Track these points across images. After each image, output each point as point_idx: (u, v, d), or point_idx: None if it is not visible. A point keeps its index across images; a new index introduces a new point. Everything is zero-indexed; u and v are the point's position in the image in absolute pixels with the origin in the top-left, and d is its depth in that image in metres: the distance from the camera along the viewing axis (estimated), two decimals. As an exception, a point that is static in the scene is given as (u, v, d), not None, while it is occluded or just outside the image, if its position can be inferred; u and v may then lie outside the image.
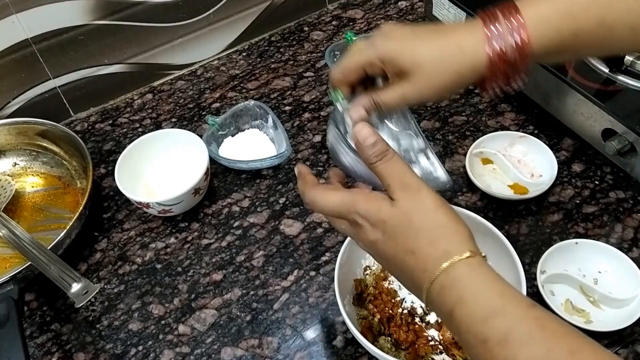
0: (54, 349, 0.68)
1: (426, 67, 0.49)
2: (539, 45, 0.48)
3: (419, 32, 0.51)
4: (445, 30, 0.51)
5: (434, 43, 0.49)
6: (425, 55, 0.49)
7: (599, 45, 0.50)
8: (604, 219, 0.73)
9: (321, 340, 0.66)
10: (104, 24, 0.87)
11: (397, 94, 0.50)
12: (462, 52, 0.48)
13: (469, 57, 0.48)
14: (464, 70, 0.49)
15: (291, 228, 0.77)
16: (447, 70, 0.49)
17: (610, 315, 0.64)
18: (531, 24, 0.48)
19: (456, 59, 0.49)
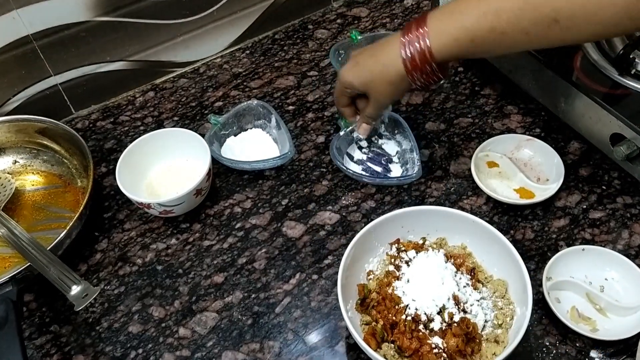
0: (53, 350, 0.68)
1: (371, 85, 0.69)
2: (440, 51, 0.62)
3: (363, 58, 0.69)
4: (376, 51, 0.68)
5: (369, 67, 0.68)
6: (365, 79, 0.69)
7: (497, 47, 0.61)
8: (610, 225, 0.72)
9: (323, 346, 0.65)
10: (106, 20, 0.86)
11: (370, 107, 0.72)
12: (386, 67, 0.66)
13: (391, 69, 0.65)
14: (393, 78, 0.66)
15: (294, 230, 0.76)
16: (382, 83, 0.68)
17: (617, 323, 0.63)
18: (433, 34, 0.61)
19: (383, 74, 0.67)
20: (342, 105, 0.75)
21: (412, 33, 0.63)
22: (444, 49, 0.62)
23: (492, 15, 0.58)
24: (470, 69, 0.92)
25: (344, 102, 0.74)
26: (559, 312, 0.62)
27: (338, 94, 0.74)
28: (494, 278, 0.65)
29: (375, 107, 0.72)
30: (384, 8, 1.06)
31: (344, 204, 0.78)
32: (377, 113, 0.73)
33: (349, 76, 0.70)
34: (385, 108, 0.75)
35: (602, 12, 0.54)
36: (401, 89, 0.68)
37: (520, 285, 0.61)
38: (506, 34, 0.58)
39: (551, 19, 0.55)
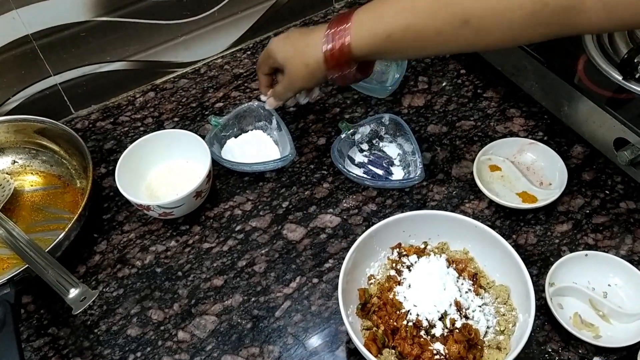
0: (51, 353, 0.67)
1: (289, 61, 0.69)
2: (358, 47, 0.63)
3: (294, 34, 0.69)
4: (307, 33, 0.68)
5: (295, 42, 0.68)
6: (289, 52, 0.69)
7: (411, 46, 0.62)
8: (614, 230, 0.71)
9: (323, 350, 0.65)
10: (107, 20, 0.85)
11: (281, 84, 0.73)
12: (309, 48, 0.66)
13: (312, 53, 0.65)
14: (311, 62, 0.66)
15: (294, 233, 0.75)
16: (299, 64, 0.68)
17: (620, 330, 0.63)
18: (354, 28, 0.62)
19: (303, 55, 0.67)
20: (262, 72, 0.76)
21: (336, 26, 0.64)
22: (362, 43, 0.62)
23: (409, 12, 0.59)
24: (473, 72, 0.92)
25: (264, 70, 0.75)
26: (561, 319, 0.62)
27: (261, 60, 0.75)
28: (496, 284, 0.64)
29: (286, 86, 0.72)
30: (386, 9, 1.05)
31: (345, 207, 0.77)
32: (286, 93, 0.74)
33: (275, 46, 0.71)
34: (295, 91, 0.73)
35: (510, 15, 0.55)
36: (316, 77, 0.68)
37: (523, 291, 0.60)
38: (420, 33, 0.59)
39: (462, 20, 0.57)
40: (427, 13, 0.58)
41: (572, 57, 0.77)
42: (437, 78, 0.92)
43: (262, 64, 0.75)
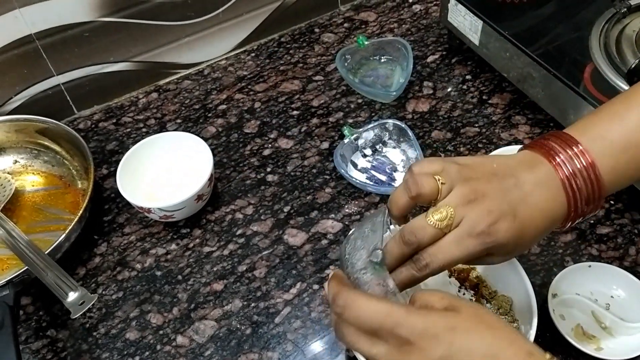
0: (49, 355, 0.67)
1: (528, 244, 0.49)
2: (612, 185, 0.48)
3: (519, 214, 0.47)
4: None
5: (534, 223, 0.48)
6: (530, 237, 0.48)
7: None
8: (618, 241, 0.70)
9: (322, 358, 0.64)
10: (110, 21, 0.85)
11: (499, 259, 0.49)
12: (554, 221, 0.49)
13: (557, 222, 0.49)
14: (558, 216, 0.49)
15: (295, 238, 0.75)
16: (542, 224, 0.48)
17: (622, 342, 0.62)
18: (604, 168, 0.48)
19: (549, 228, 0.49)
20: None
21: (562, 154, 0.48)
22: (617, 184, 0.50)
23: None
24: (478, 78, 0.91)
25: None
26: (563, 330, 0.61)
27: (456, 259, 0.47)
28: (498, 294, 0.64)
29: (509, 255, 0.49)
30: (392, 13, 1.05)
31: (347, 212, 0.77)
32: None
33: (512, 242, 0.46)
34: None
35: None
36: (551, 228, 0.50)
37: (525, 302, 0.59)
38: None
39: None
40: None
41: (579, 65, 0.76)
42: (442, 83, 0.91)
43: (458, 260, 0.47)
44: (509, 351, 0.39)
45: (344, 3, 1.07)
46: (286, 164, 0.83)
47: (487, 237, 0.45)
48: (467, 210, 0.46)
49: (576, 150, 0.48)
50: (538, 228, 0.48)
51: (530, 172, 0.48)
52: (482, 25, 0.83)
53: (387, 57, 0.94)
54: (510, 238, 0.46)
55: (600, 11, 0.81)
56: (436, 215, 0.46)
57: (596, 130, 0.49)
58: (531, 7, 0.84)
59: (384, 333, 0.40)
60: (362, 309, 0.41)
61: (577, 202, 0.48)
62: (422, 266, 0.47)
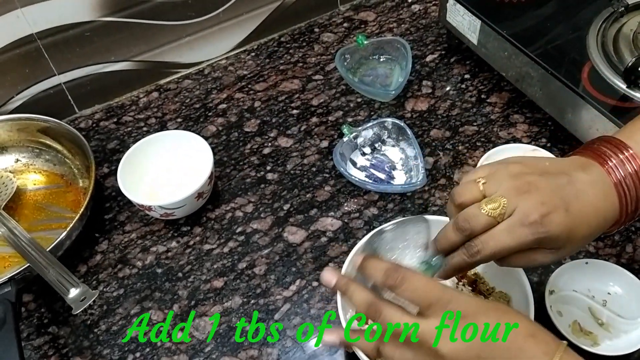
0: (51, 352, 0.67)
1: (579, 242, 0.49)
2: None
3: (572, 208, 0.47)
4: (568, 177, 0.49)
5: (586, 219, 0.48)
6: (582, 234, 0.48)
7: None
8: (615, 238, 0.71)
9: (322, 354, 0.65)
10: (111, 20, 0.86)
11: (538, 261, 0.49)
12: (605, 221, 0.49)
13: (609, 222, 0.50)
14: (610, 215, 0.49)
15: (295, 236, 0.75)
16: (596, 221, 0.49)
17: (619, 338, 0.63)
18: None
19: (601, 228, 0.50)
20: None
21: (613, 158, 0.49)
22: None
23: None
24: (477, 77, 0.92)
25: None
26: (560, 326, 0.62)
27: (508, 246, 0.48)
28: (495, 290, 0.64)
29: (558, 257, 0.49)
30: (391, 12, 1.05)
31: (346, 210, 0.77)
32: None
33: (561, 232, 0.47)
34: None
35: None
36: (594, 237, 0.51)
37: (523, 299, 0.60)
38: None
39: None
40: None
41: (577, 65, 0.77)
42: (441, 82, 0.92)
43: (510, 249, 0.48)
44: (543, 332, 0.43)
45: (344, 3, 1.07)
46: (286, 162, 0.83)
47: (540, 227, 0.46)
48: (520, 201, 0.47)
49: (627, 154, 0.49)
50: (590, 225, 0.48)
51: (583, 171, 0.49)
52: (480, 25, 0.84)
53: (387, 56, 0.95)
54: (563, 231, 0.47)
55: (597, 10, 0.81)
56: (489, 204, 0.47)
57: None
58: (529, 6, 0.85)
59: (438, 307, 0.44)
60: (421, 282, 0.45)
61: (628, 204, 0.49)
62: (474, 252, 0.48)
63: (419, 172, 0.76)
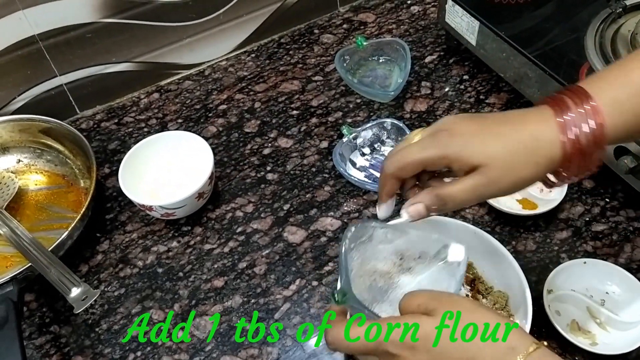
0: (53, 351, 0.68)
1: (503, 158, 0.47)
2: (614, 129, 0.46)
3: (486, 124, 0.49)
4: (515, 121, 0.49)
5: (507, 135, 0.47)
6: (501, 147, 0.47)
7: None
8: (613, 238, 0.71)
9: (321, 353, 0.65)
10: (112, 22, 0.86)
11: (467, 186, 0.47)
12: (538, 142, 0.46)
13: (545, 147, 0.46)
14: (542, 160, 0.47)
15: (295, 236, 0.76)
16: (526, 161, 0.47)
17: (617, 337, 0.63)
18: (609, 109, 0.46)
19: (534, 149, 0.47)
20: (405, 175, 0.50)
21: (571, 110, 0.46)
22: (622, 127, 0.47)
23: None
24: (476, 78, 0.92)
25: (410, 173, 0.50)
26: (558, 325, 0.62)
27: (412, 161, 0.49)
28: (494, 290, 0.65)
29: (480, 191, 0.48)
30: (391, 14, 1.06)
31: (346, 210, 0.78)
32: (471, 200, 0.49)
33: (467, 144, 0.47)
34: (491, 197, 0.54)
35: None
36: (537, 177, 0.48)
37: (521, 298, 0.60)
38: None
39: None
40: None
41: (575, 65, 0.77)
42: (440, 83, 0.92)
43: (415, 164, 0.49)
44: (486, 352, 0.41)
45: (343, 4, 1.08)
46: (286, 162, 0.84)
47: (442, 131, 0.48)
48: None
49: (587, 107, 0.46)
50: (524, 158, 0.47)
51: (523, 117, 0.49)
52: (478, 26, 0.84)
53: (386, 57, 0.95)
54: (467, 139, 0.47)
55: (595, 12, 0.81)
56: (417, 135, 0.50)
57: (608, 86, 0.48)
58: (527, 8, 0.85)
59: (372, 352, 0.45)
60: (346, 344, 0.46)
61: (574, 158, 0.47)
62: (392, 163, 0.50)
63: (418, 172, 0.76)
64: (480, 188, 0.47)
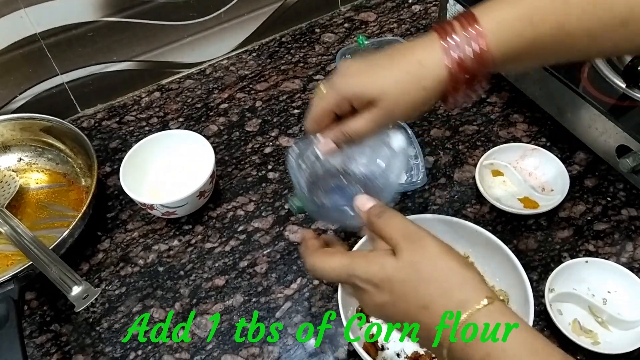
0: (53, 349, 0.68)
1: (393, 89, 0.50)
2: (499, 52, 0.48)
3: (376, 60, 0.52)
4: (403, 51, 0.51)
5: (395, 65, 0.50)
6: (390, 79, 0.50)
7: (557, 51, 0.50)
8: (615, 237, 0.71)
9: (323, 352, 0.65)
10: (114, 20, 0.86)
11: (366, 120, 0.51)
12: (425, 67, 0.49)
13: (431, 71, 0.49)
14: (430, 83, 0.49)
15: (296, 234, 0.76)
16: (414, 87, 0.50)
17: (619, 337, 0.63)
18: (490, 31, 0.48)
19: (420, 75, 0.49)
20: (323, 125, 0.53)
21: (456, 33, 0.48)
22: (505, 49, 0.48)
23: (561, 10, 0.48)
24: (477, 76, 0.92)
25: (326, 122, 0.53)
26: (560, 325, 0.62)
27: (322, 111, 0.53)
28: (495, 288, 0.65)
29: (378, 121, 0.51)
30: (392, 13, 1.06)
31: (347, 209, 0.77)
32: (374, 130, 0.52)
33: (359, 82, 0.51)
34: (388, 125, 0.55)
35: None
36: (429, 102, 0.51)
37: (522, 297, 0.60)
38: (570, 35, 0.49)
39: (621, 21, 0.48)
40: (584, 12, 0.48)
41: (576, 64, 0.77)
42: (441, 82, 0.92)
43: (324, 113, 0.53)
44: (439, 303, 0.41)
45: (345, 3, 1.08)
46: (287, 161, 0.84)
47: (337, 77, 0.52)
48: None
49: (473, 31, 0.48)
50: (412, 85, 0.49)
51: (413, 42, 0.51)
52: (480, 25, 0.84)
53: (387, 56, 0.95)
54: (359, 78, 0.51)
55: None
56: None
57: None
58: (529, 6, 0.85)
59: (343, 282, 0.48)
60: (321, 270, 0.48)
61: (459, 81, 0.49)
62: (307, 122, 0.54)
63: (420, 171, 0.76)
64: (378, 119, 0.51)
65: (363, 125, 0.51)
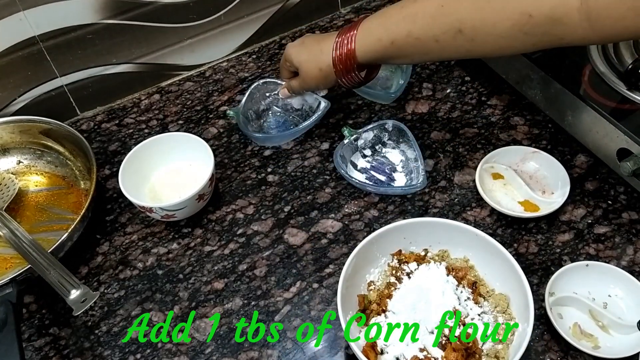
0: (52, 353, 0.67)
1: (304, 65, 0.76)
2: (362, 51, 0.70)
3: (308, 41, 0.76)
4: (321, 40, 0.74)
5: (311, 49, 0.75)
6: (304, 58, 0.76)
7: (414, 52, 0.67)
8: (615, 241, 0.71)
9: (322, 355, 0.65)
10: (113, 23, 0.86)
11: (297, 82, 0.80)
12: (323, 54, 0.73)
13: (325, 59, 0.73)
14: (324, 67, 0.74)
15: (295, 238, 0.75)
16: (314, 67, 0.75)
17: (619, 341, 0.63)
18: (359, 36, 0.69)
19: (319, 60, 0.74)
20: (284, 76, 0.83)
21: (344, 33, 0.71)
22: (368, 49, 0.69)
23: (410, 21, 0.65)
24: (477, 79, 0.92)
25: (285, 75, 0.82)
26: (561, 329, 0.62)
27: (281, 65, 0.82)
28: (495, 292, 0.64)
29: (300, 84, 0.79)
30: (392, 15, 1.05)
31: (347, 212, 0.77)
32: (300, 89, 0.81)
33: (292, 51, 0.77)
34: (309, 90, 0.81)
35: (500, 25, 0.59)
36: (328, 80, 0.75)
37: (522, 301, 0.60)
38: (420, 40, 0.65)
39: (456, 29, 0.61)
40: (426, 22, 0.64)
41: (577, 67, 0.77)
42: (442, 85, 0.92)
43: (282, 67, 0.82)
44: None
45: (345, 5, 1.08)
46: (286, 164, 0.84)
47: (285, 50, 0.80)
48: None
49: (350, 34, 0.70)
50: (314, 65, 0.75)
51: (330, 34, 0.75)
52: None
53: (387, 58, 0.95)
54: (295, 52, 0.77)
55: (598, 13, 0.81)
56: None
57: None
58: (530, 9, 0.85)
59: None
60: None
61: (341, 71, 0.73)
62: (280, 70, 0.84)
63: (420, 174, 0.76)
64: (300, 83, 0.79)
65: (295, 84, 0.80)
